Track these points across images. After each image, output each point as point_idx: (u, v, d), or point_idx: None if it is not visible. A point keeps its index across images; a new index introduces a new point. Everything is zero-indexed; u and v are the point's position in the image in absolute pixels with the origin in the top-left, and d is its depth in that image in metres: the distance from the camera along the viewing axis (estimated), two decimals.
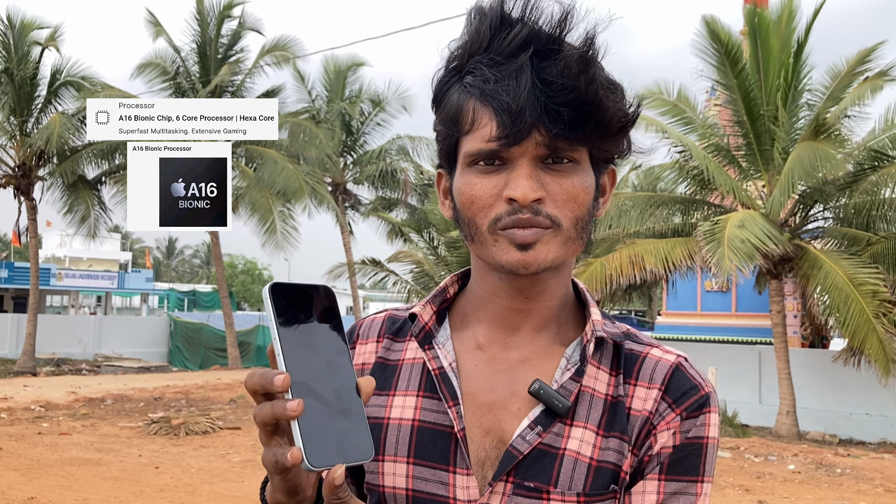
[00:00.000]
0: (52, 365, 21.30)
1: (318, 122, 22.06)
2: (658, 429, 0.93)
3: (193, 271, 76.64)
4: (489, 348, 0.98)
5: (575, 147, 0.89)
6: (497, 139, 0.86)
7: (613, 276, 12.93)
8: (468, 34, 0.91)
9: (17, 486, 7.76)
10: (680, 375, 0.96)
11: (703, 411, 0.94)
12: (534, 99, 0.84)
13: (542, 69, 0.85)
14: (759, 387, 15.29)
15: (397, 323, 1.05)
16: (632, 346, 0.99)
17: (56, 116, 18.71)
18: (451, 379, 0.96)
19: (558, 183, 0.89)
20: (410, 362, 1.01)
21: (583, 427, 0.93)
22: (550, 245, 0.89)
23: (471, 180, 0.91)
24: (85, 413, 12.99)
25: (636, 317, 39.46)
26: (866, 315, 11.23)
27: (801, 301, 16.18)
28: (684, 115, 13.67)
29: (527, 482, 0.91)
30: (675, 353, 0.99)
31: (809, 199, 13.00)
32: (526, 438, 0.92)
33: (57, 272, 34.40)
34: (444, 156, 0.96)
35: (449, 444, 0.94)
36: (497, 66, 0.86)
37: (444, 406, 0.95)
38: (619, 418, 0.94)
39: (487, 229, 0.90)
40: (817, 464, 10.21)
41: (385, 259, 19.68)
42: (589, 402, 0.94)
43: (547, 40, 0.87)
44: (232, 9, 20.75)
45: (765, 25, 12.62)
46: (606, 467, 0.92)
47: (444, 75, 0.94)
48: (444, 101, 0.93)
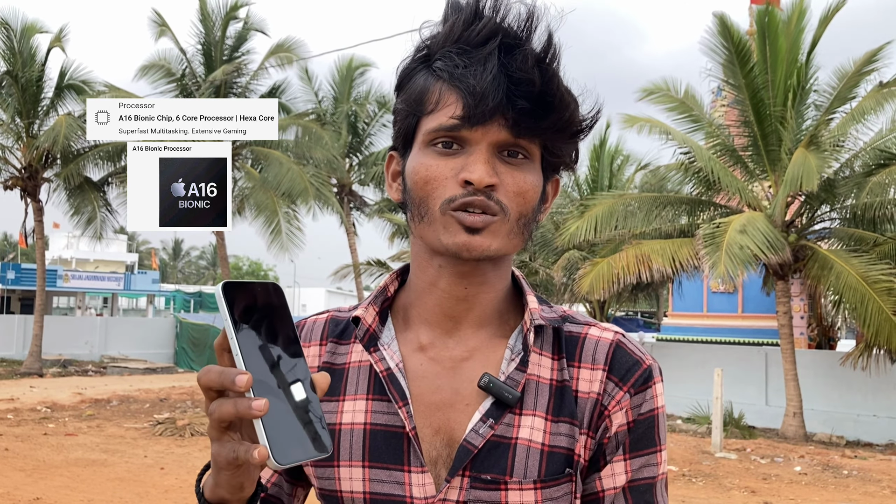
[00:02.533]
0: (59, 366, 21.37)
1: (323, 123, 22.07)
2: (611, 410, 0.96)
3: (199, 273, 76.83)
4: (431, 348, 0.99)
5: (532, 140, 0.92)
6: (461, 117, 0.89)
7: (620, 277, 12.92)
8: (442, 27, 0.95)
9: (23, 487, 7.78)
10: (621, 353, 0.98)
11: (649, 385, 0.98)
12: (497, 85, 0.88)
13: (506, 61, 0.89)
14: (765, 388, 15.24)
15: (340, 325, 1.05)
16: (570, 329, 1.01)
17: (62, 118, 18.76)
18: (399, 379, 0.97)
19: (511, 175, 0.92)
20: (357, 365, 1.01)
21: (532, 415, 0.95)
22: (497, 234, 0.92)
23: (427, 161, 0.93)
24: (91, 414, 13.02)
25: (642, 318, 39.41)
26: (885, 313, 11.19)
27: (807, 302, 16.14)
28: (691, 112, 13.64)
29: (483, 475, 0.92)
30: (612, 329, 1.01)
31: (816, 199, 12.96)
32: (479, 432, 0.93)
33: (63, 274, 34.52)
34: (401, 136, 0.98)
35: (402, 444, 0.95)
36: (466, 54, 0.90)
37: (393, 407, 0.96)
38: (566, 403, 0.96)
39: (439, 209, 0.92)
40: (824, 465, 10.16)
41: (387, 259, 19.69)
42: (535, 389, 0.96)
43: (513, 36, 0.91)
44: (237, 10, 20.77)
45: (774, 25, 12.58)
46: (559, 452, 0.94)
47: (411, 62, 0.97)
48: (410, 84, 0.96)
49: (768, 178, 13.26)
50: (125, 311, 46.58)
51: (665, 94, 13.62)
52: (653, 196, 14.18)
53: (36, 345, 20.36)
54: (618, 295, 15.03)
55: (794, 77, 12.61)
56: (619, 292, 14.16)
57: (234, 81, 20.59)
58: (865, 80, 12.85)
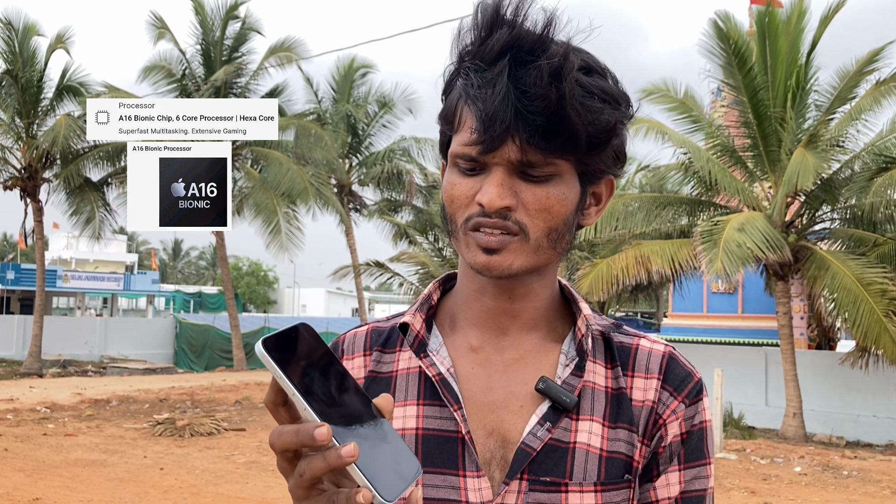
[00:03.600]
0: (58, 366, 21.36)
1: (323, 123, 22.07)
2: (666, 419, 0.97)
3: (199, 273, 76.79)
4: (482, 350, 0.99)
5: (549, 158, 0.89)
6: (473, 144, 0.89)
7: (619, 277, 12.90)
8: (467, 33, 0.92)
9: (23, 487, 7.78)
10: (674, 364, 1.00)
11: (700, 397, 1.00)
12: (506, 107, 0.85)
13: (518, 78, 0.86)
14: (765, 389, 15.23)
15: (383, 335, 1.05)
16: (621, 339, 1.02)
17: (62, 118, 18.77)
18: (452, 384, 0.96)
19: (532, 192, 0.90)
20: (405, 372, 1.01)
21: (589, 420, 0.95)
22: (517, 253, 0.91)
23: (453, 179, 0.93)
24: (90, 414, 13.01)
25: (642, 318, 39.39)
26: (877, 315, 11.19)
27: (807, 303, 16.12)
28: (691, 112, 13.64)
29: (542, 477, 0.92)
30: (662, 342, 1.03)
31: (816, 200, 12.95)
32: (537, 435, 0.93)
33: (63, 274, 34.51)
34: (442, 150, 0.99)
35: (456, 449, 0.94)
36: (481, 71, 0.88)
37: (446, 412, 0.95)
38: (624, 410, 0.97)
39: (461, 228, 0.93)
40: (824, 466, 10.16)
41: (387, 260, 19.69)
42: (591, 395, 0.97)
43: (528, 50, 0.87)
44: (237, 9, 20.78)
45: (774, 26, 12.57)
46: (618, 458, 0.95)
47: (452, 72, 0.95)
48: (448, 97, 0.96)
49: (768, 178, 13.25)
50: (125, 312, 46.55)
51: (664, 94, 13.62)
52: (653, 196, 14.17)
53: (35, 345, 20.36)
54: (618, 296, 15.01)
55: (795, 77, 12.61)
56: (619, 293, 14.14)
57: (234, 81, 20.61)
58: (866, 80, 12.85)
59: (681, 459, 0.98)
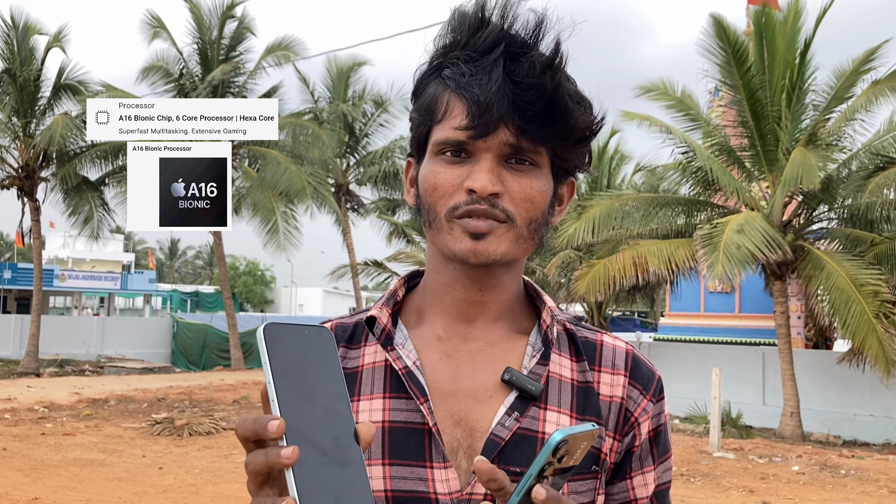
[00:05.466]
0: (56, 366, 21.33)
1: (320, 122, 22.05)
2: (638, 417, 1.01)
3: (196, 272, 76.71)
4: (449, 341, 1.00)
5: (538, 148, 0.93)
6: (465, 129, 0.91)
7: (616, 278, 12.92)
8: (449, 33, 0.96)
9: (21, 487, 7.77)
10: (639, 362, 1.04)
11: (663, 395, 1.05)
12: (502, 95, 0.88)
13: (512, 69, 0.90)
14: (762, 388, 15.26)
15: (347, 330, 1.05)
16: (584, 334, 1.05)
17: (59, 117, 18.73)
18: (418, 376, 0.97)
19: (517, 182, 0.93)
20: (371, 366, 1.01)
21: (556, 411, 0.97)
22: (502, 239, 0.93)
23: (436, 169, 0.95)
24: (88, 414, 13.00)
25: (639, 318, 39.38)
26: (867, 316, 11.20)
27: (804, 302, 16.13)
28: (689, 111, 13.64)
29: (512, 467, 0.92)
30: (622, 339, 1.06)
31: (814, 199, 12.97)
32: (505, 425, 0.94)
33: (60, 273, 34.47)
34: (415, 144, 1.00)
35: (423, 440, 0.95)
36: (472, 61, 0.91)
37: (412, 404, 0.96)
38: (591, 403, 0.99)
39: (445, 216, 0.94)
40: (821, 465, 10.18)
41: (384, 259, 19.69)
42: (558, 386, 0.99)
43: (520, 44, 0.92)
44: (234, 8, 20.75)
45: (771, 25, 12.58)
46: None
47: (427, 69, 0.99)
48: (423, 92, 0.98)
49: (766, 178, 13.27)
50: (122, 311, 46.50)
51: (662, 92, 13.62)
52: (650, 196, 14.18)
53: (33, 344, 20.32)
54: (615, 296, 15.03)
55: (791, 77, 12.62)
56: (617, 293, 14.15)
57: (231, 81, 20.57)
58: (863, 80, 12.86)
59: (654, 458, 1.03)
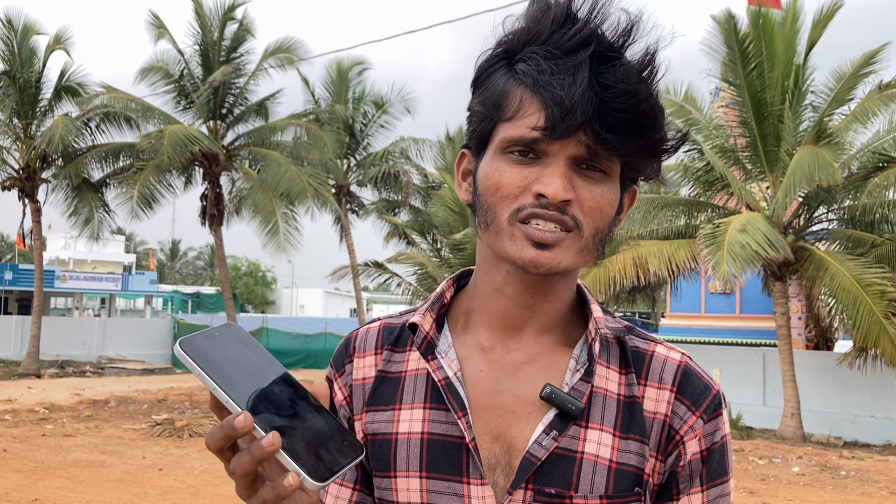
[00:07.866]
0: (57, 367, 21.34)
1: (321, 124, 22.06)
2: (684, 435, 0.93)
3: (197, 273, 76.72)
4: (493, 351, 0.96)
5: (613, 157, 0.87)
6: (543, 129, 0.84)
7: (617, 279, 12.93)
8: (527, 23, 0.89)
9: (22, 488, 7.77)
10: (691, 375, 0.96)
11: (719, 412, 0.96)
12: (588, 99, 0.82)
13: (601, 72, 0.84)
14: (763, 389, 15.26)
15: (394, 332, 1.02)
16: (636, 344, 0.98)
17: (59, 119, 18.75)
18: (458, 388, 0.93)
19: (589, 189, 0.87)
20: (413, 373, 0.98)
21: (598, 429, 0.92)
22: (567, 251, 0.88)
23: (500, 167, 0.88)
24: (89, 415, 13.00)
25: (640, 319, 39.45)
26: (876, 316, 11.21)
27: (805, 303, 16.15)
28: (689, 115, 13.65)
29: (547, 488, 0.89)
30: (678, 350, 0.99)
31: (814, 200, 12.97)
32: (542, 444, 0.90)
33: (61, 274, 34.48)
34: (476, 138, 0.93)
35: (460, 455, 0.92)
36: (554, 59, 0.85)
37: (451, 417, 0.93)
38: (636, 419, 0.93)
39: (507, 220, 0.88)
40: (822, 466, 10.18)
41: (384, 260, 19.67)
42: (602, 402, 0.93)
43: (608, 46, 0.86)
44: (234, 10, 20.75)
45: (769, 27, 12.60)
46: (628, 470, 0.91)
47: (491, 57, 0.92)
48: (488, 83, 0.91)
49: (766, 178, 13.27)
50: (123, 312, 46.53)
51: (664, 98, 13.63)
52: (650, 197, 14.19)
53: (33, 346, 20.33)
54: (616, 297, 15.03)
55: (791, 78, 12.63)
56: (617, 294, 14.16)
57: (232, 82, 20.56)
58: (863, 82, 12.87)
59: (703, 480, 0.94)
